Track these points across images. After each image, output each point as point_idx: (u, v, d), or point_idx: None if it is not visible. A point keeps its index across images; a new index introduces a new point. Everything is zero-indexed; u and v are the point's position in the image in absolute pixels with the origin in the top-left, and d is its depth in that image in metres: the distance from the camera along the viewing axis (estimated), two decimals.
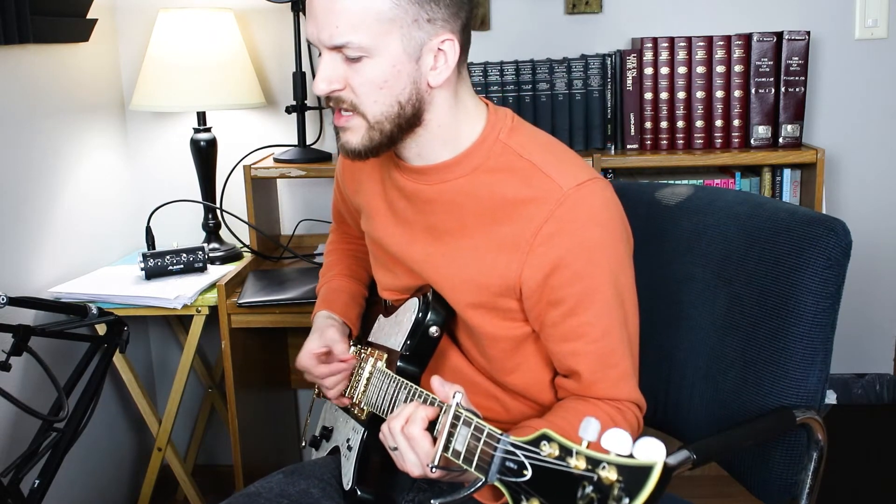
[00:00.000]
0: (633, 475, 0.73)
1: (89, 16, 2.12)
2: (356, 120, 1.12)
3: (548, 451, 0.82)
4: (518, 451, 0.86)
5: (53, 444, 1.60)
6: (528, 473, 0.84)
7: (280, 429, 2.39)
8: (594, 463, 0.77)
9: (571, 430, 0.82)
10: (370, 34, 1.05)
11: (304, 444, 1.51)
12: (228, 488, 2.24)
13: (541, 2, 2.25)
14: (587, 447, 0.79)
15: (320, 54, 1.10)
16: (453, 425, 0.97)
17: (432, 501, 0.99)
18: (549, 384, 1.21)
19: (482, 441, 0.92)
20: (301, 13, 2.17)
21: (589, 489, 0.76)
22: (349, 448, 1.30)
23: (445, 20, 1.09)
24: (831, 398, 2.23)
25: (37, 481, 1.60)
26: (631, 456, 0.74)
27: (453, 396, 0.98)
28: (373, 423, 1.25)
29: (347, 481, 1.28)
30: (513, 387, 1.22)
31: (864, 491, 2.09)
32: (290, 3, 2.16)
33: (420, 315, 1.19)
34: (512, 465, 0.86)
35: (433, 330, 1.19)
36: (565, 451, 0.80)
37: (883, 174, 2.29)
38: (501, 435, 0.90)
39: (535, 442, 0.84)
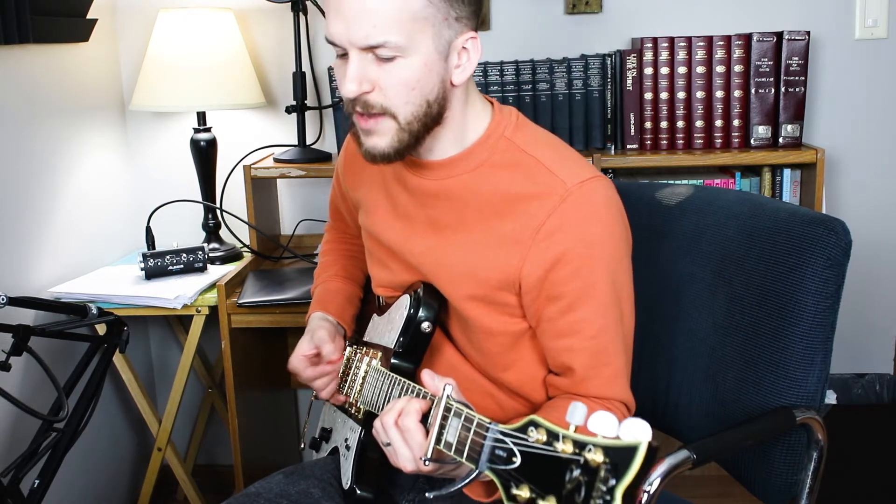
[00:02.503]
0: (619, 456, 0.73)
1: (89, 16, 2.12)
2: (386, 122, 1.10)
3: (535, 436, 0.82)
4: (507, 439, 0.86)
5: (53, 444, 1.60)
6: (518, 460, 0.84)
7: (280, 429, 2.39)
8: (580, 446, 0.77)
9: (562, 423, 0.82)
10: (406, 33, 1.04)
11: (303, 446, 1.51)
12: (228, 488, 2.24)
13: (541, 2, 2.25)
14: (575, 431, 0.79)
15: (345, 55, 1.08)
16: (444, 417, 0.98)
17: (427, 495, 0.99)
18: (543, 382, 1.21)
19: (472, 431, 0.93)
20: (301, 13, 2.17)
21: (577, 472, 0.77)
22: (347, 448, 1.30)
23: (469, 18, 1.09)
24: (831, 398, 2.23)
25: (37, 481, 1.60)
26: (617, 437, 0.75)
27: (444, 389, 0.99)
28: (369, 421, 1.24)
29: (346, 480, 1.28)
30: (507, 384, 1.22)
31: (863, 491, 2.09)
32: (290, 3, 2.16)
33: (412, 311, 1.19)
34: (501, 452, 0.87)
35: (425, 325, 1.19)
36: (552, 436, 0.81)
37: (883, 174, 2.29)
38: (490, 423, 0.90)
39: (523, 429, 0.84)
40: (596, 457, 0.75)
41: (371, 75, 1.07)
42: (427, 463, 0.99)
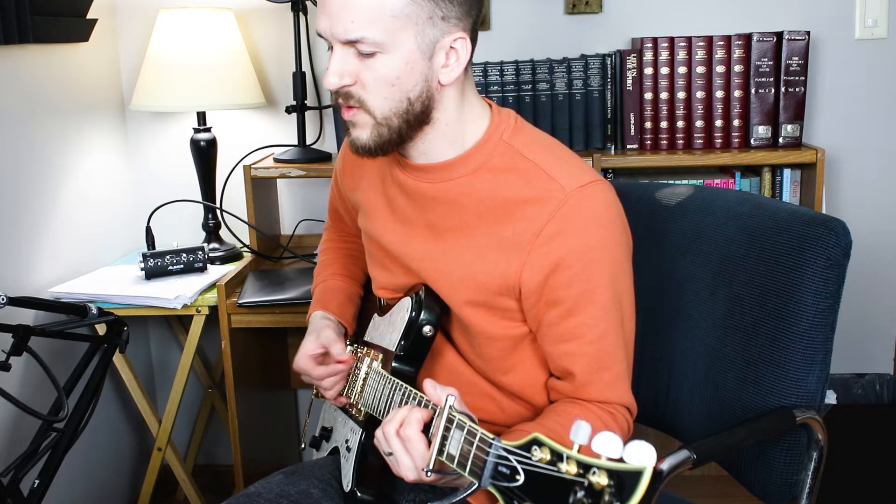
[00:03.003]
0: (624, 480, 0.73)
1: (89, 16, 2.12)
2: (362, 116, 1.11)
3: (539, 455, 0.82)
4: (510, 457, 0.86)
5: (53, 444, 1.60)
6: (521, 478, 0.84)
7: (280, 429, 2.39)
8: (585, 468, 0.77)
9: (564, 434, 0.82)
10: (385, 30, 1.05)
11: (303, 446, 1.51)
12: (228, 488, 2.24)
13: (541, 2, 2.25)
14: (578, 451, 0.79)
15: (330, 48, 1.10)
16: (447, 428, 0.97)
17: None
18: (544, 385, 1.21)
19: (475, 445, 0.92)
20: (301, 13, 2.17)
21: (580, 494, 0.76)
22: (348, 449, 1.30)
23: (459, 18, 1.09)
24: (831, 398, 2.23)
25: (37, 481, 1.60)
26: (621, 460, 0.74)
27: (446, 399, 0.98)
28: (370, 423, 1.24)
29: (347, 482, 1.28)
30: (508, 387, 1.22)
31: (864, 491, 2.09)
32: (290, 3, 2.16)
33: (413, 314, 1.19)
34: (505, 469, 0.86)
35: (427, 329, 1.18)
36: (557, 456, 0.80)
37: (883, 174, 2.29)
38: (493, 439, 0.90)
39: (527, 446, 0.84)
40: (600, 479, 0.75)
41: (353, 69, 1.08)
42: (429, 474, 0.98)
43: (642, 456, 0.73)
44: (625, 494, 0.73)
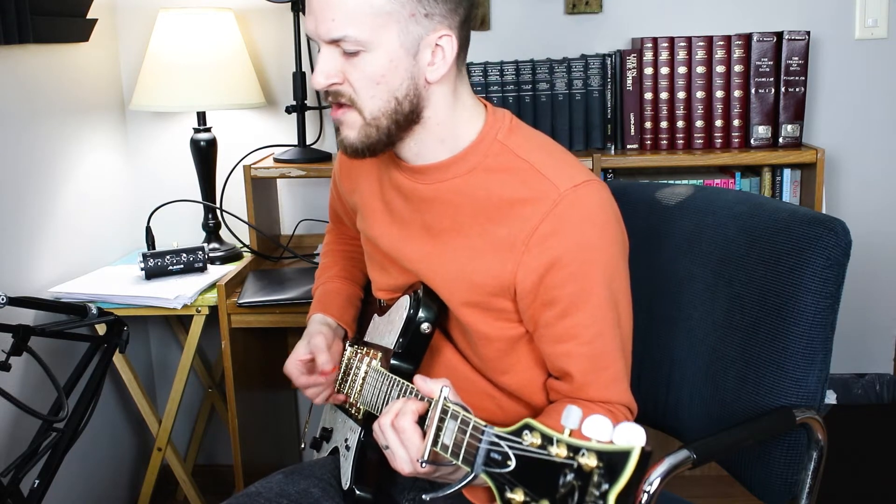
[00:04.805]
0: (613, 460, 0.74)
1: (89, 16, 2.13)
2: (352, 115, 1.11)
3: (530, 440, 0.82)
4: (502, 442, 0.86)
5: (53, 444, 1.60)
6: (512, 464, 0.84)
7: (280, 429, 2.39)
8: (574, 450, 0.77)
9: (559, 427, 0.82)
10: (367, 28, 1.05)
11: (303, 446, 1.51)
12: (228, 488, 2.24)
13: (541, 2, 2.25)
14: (569, 435, 0.79)
15: (320, 49, 1.10)
16: (441, 419, 0.97)
17: (424, 497, 0.99)
18: (542, 386, 1.21)
19: (468, 433, 0.92)
20: (301, 13, 2.17)
21: (570, 476, 0.77)
22: (347, 448, 1.30)
23: (443, 16, 1.09)
24: (831, 398, 2.23)
25: (37, 481, 1.60)
26: (611, 442, 0.75)
27: (441, 391, 0.99)
28: (369, 422, 1.25)
29: (346, 481, 1.28)
30: (506, 387, 1.22)
31: (864, 491, 2.09)
32: (290, 3, 2.16)
33: (411, 312, 1.19)
34: (497, 456, 0.87)
35: (425, 327, 1.19)
36: (547, 440, 0.81)
37: (883, 174, 2.29)
38: (486, 426, 0.90)
39: (518, 432, 0.84)
40: (589, 461, 0.75)
41: (339, 68, 1.09)
42: (423, 465, 0.98)
43: (631, 437, 0.73)
44: (614, 475, 0.73)
